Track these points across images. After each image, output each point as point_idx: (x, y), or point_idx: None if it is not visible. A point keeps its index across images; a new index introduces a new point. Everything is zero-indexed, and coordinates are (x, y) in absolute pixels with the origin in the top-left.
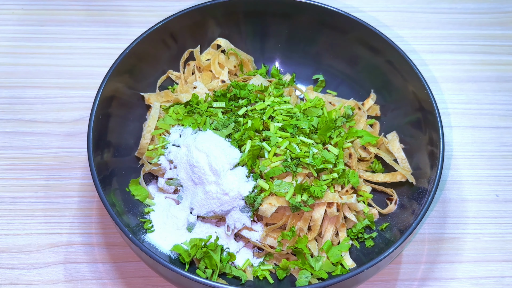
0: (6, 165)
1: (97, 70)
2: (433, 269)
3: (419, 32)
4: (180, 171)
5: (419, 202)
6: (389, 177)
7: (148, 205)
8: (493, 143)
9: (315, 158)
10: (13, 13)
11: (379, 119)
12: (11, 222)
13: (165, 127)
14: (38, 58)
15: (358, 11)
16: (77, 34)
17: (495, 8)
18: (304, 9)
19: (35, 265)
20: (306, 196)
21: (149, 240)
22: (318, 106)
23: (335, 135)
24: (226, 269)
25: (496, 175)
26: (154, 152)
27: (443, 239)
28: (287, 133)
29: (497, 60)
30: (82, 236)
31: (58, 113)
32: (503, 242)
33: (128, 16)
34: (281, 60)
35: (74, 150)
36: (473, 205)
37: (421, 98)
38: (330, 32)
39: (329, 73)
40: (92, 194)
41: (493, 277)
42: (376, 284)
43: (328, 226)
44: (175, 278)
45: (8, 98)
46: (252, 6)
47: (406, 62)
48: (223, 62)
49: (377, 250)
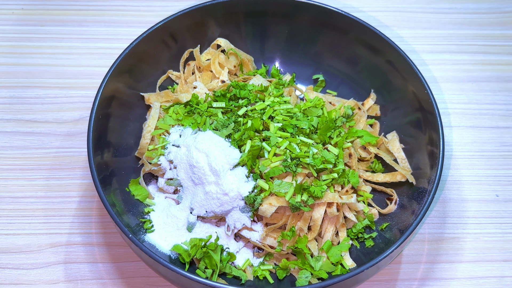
0: (6, 165)
1: (97, 70)
2: (433, 269)
3: (419, 32)
4: (180, 171)
5: (419, 202)
6: (389, 177)
7: (148, 205)
8: (493, 143)
9: (315, 158)
10: (13, 13)
11: (379, 119)
12: (11, 222)
13: (165, 127)
14: (38, 58)
15: (358, 11)
16: (77, 34)
17: (495, 8)
18: (304, 9)
19: (35, 265)
20: (306, 196)
21: (149, 240)
22: (318, 106)
23: (335, 135)
24: (226, 269)
25: (496, 175)
26: (154, 152)
27: (443, 239)
28: (287, 133)
29: (497, 60)
30: (82, 236)
31: (58, 113)
32: (503, 242)
33: (128, 16)
34: (281, 60)
35: (74, 150)
36: (473, 205)
37: (421, 98)
38: (330, 32)
39: (329, 73)
40: (92, 194)
41: (493, 277)
42: (376, 284)
43: (328, 226)
44: (175, 278)
45: (8, 98)
46: (252, 6)
47: (406, 62)
48: (223, 62)
49: (377, 250)
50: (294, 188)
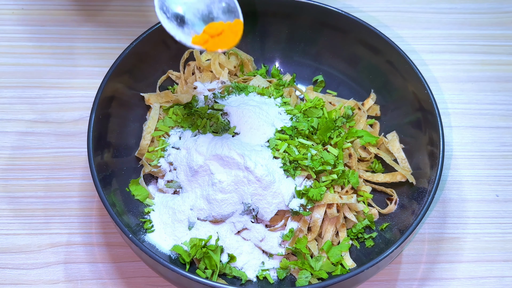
0: (6, 165)
1: (97, 70)
2: (433, 269)
3: (419, 32)
4: (180, 173)
5: (419, 202)
6: (389, 177)
7: (148, 205)
8: (493, 143)
9: (313, 160)
10: (13, 13)
11: (379, 119)
12: (11, 222)
13: (164, 129)
14: (38, 58)
15: (358, 11)
16: (77, 34)
17: (496, 8)
18: (304, 9)
19: (35, 265)
20: (305, 200)
21: (149, 240)
22: (318, 107)
23: (335, 135)
24: (226, 269)
25: (496, 175)
26: (153, 154)
27: (443, 239)
28: (286, 135)
29: (497, 60)
30: (82, 236)
31: (58, 113)
32: (503, 242)
33: (128, 16)
34: (281, 60)
35: (74, 150)
36: (473, 205)
37: (421, 98)
38: (330, 32)
39: (329, 73)
40: (92, 194)
41: (493, 277)
42: (376, 284)
43: (328, 226)
44: (175, 278)
45: (8, 98)
46: (252, 6)
47: (406, 62)
48: (223, 63)
49: (377, 250)
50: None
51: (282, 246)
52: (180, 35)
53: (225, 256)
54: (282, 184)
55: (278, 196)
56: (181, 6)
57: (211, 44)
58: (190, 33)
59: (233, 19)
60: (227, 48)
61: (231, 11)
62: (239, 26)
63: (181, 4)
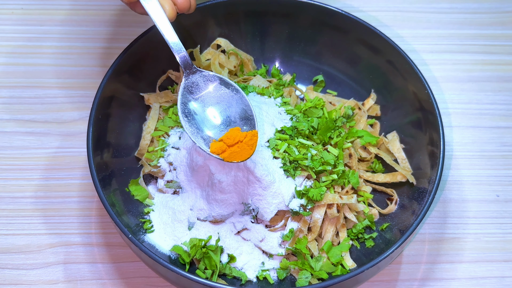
0: (6, 165)
1: (97, 70)
2: (433, 269)
3: (419, 32)
4: (180, 174)
5: (420, 202)
6: (389, 177)
7: (148, 205)
8: (493, 143)
9: (313, 160)
10: (12, 13)
11: (379, 119)
12: (11, 222)
13: (164, 129)
14: (38, 58)
15: (358, 11)
16: (77, 34)
17: (496, 8)
18: (304, 9)
19: (35, 265)
20: (305, 200)
21: (149, 241)
22: (318, 106)
23: (335, 135)
24: (226, 269)
25: (496, 175)
26: (153, 154)
27: (443, 239)
28: (286, 135)
29: (497, 60)
30: (81, 236)
31: (58, 113)
32: (503, 242)
33: (128, 16)
34: (281, 60)
35: (74, 150)
36: (473, 205)
37: (421, 98)
38: (330, 32)
39: (329, 73)
40: (92, 194)
41: (494, 277)
42: (376, 284)
43: (328, 226)
44: (175, 279)
45: (8, 98)
46: (252, 6)
47: (406, 62)
48: (223, 62)
49: (377, 250)
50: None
51: (282, 247)
52: (201, 143)
53: (225, 257)
54: (282, 184)
55: (278, 196)
56: (203, 108)
57: (227, 155)
58: (209, 138)
59: (249, 126)
60: (242, 160)
61: (248, 119)
62: (255, 139)
63: (203, 107)
